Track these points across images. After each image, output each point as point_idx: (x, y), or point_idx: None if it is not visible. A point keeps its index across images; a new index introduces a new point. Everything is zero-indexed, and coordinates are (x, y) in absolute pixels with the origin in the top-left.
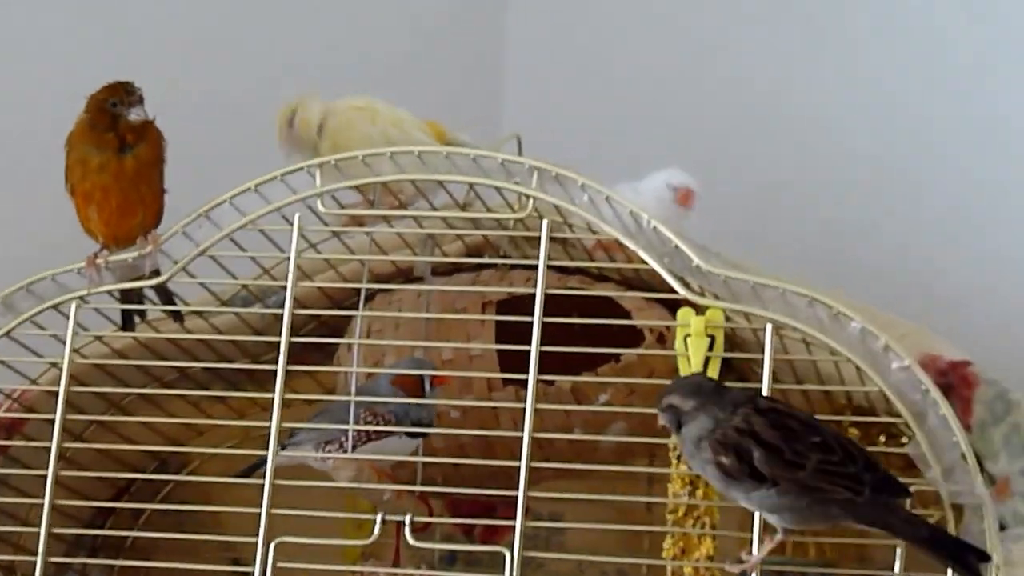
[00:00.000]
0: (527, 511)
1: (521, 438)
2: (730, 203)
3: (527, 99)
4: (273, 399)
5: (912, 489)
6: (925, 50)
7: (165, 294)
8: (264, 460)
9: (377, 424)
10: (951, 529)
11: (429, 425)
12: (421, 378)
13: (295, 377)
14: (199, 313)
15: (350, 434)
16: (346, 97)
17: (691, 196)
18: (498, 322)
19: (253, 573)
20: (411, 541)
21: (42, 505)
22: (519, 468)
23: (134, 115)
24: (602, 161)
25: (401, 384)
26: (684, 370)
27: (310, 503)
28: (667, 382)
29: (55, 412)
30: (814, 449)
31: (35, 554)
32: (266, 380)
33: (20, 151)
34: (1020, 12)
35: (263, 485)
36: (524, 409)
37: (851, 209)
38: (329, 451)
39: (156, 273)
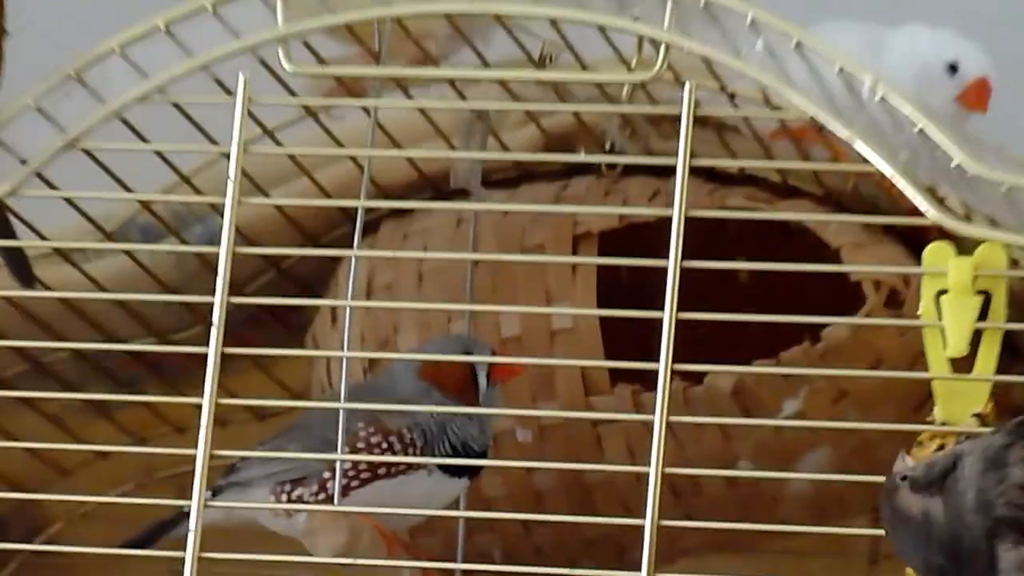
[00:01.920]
0: None
1: (644, 477)
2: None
3: None
4: (200, 407)
5: None
6: None
7: (3, 222)
8: (181, 517)
9: (389, 450)
10: None
11: (483, 454)
12: (471, 368)
13: (237, 370)
14: (65, 255)
15: (338, 468)
16: None
17: (986, 93)
18: (602, 270)
19: None
20: None
21: None
22: (641, 531)
23: None
24: None
25: (435, 379)
26: (934, 354)
27: None
28: (905, 375)
29: None
30: None
31: None
32: (185, 377)
33: None
34: None
35: (180, 563)
36: (650, 425)
37: None
38: (299, 498)
39: None
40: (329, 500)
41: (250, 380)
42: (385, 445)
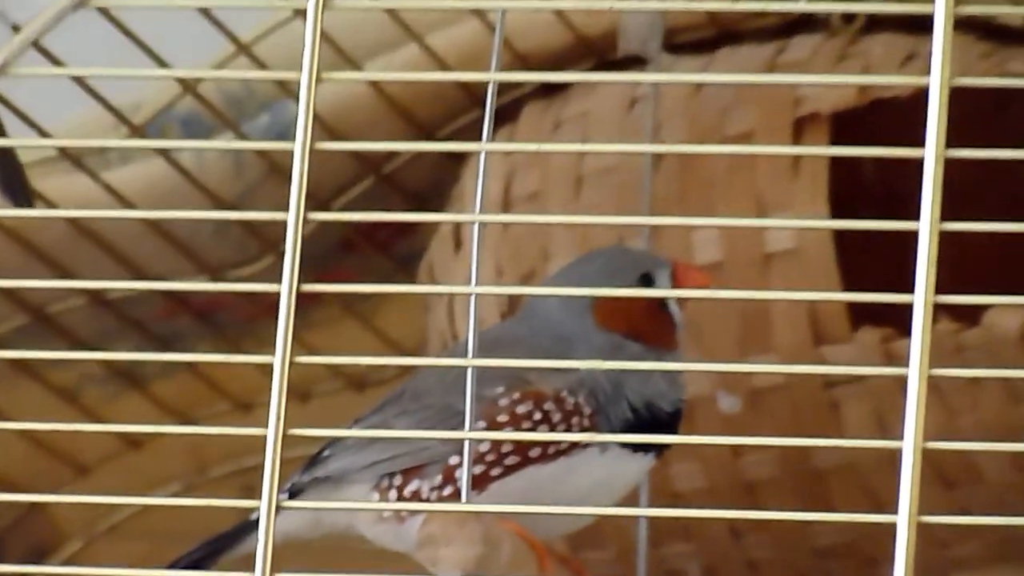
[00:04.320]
0: None
1: (896, 454)
2: None
3: None
4: (272, 368)
5: None
6: None
7: None
8: (247, 527)
9: (545, 422)
10: None
11: (676, 414)
12: (662, 303)
13: (324, 320)
14: (76, 160)
15: (466, 451)
16: None
17: None
18: (837, 167)
19: None
20: None
21: None
22: (893, 531)
23: None
24: None
25: (615, 320)
26: None
27: None
28: None
29: None
30: None
31: None
32: (249, 330)
33: None
34: None
35: None
36: (904, 383)
37: None
38: (414, 494)
39: None
40: (457, 496)
41: (343, 333)
42: (539, 416)
